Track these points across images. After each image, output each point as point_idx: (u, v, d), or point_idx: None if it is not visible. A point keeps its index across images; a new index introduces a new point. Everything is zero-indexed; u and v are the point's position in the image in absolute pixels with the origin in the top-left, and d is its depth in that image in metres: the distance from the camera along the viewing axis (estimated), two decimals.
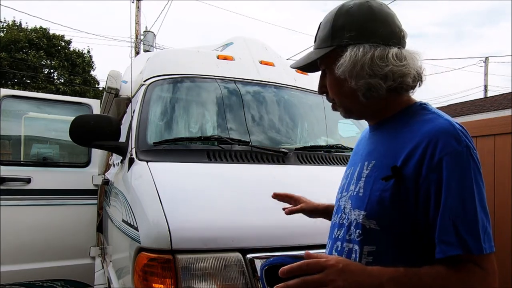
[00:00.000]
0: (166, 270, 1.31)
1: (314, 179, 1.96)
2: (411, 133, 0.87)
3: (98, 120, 2.13)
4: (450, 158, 0.80)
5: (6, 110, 3.43)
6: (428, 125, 0.86)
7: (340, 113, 1.06)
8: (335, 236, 0.99)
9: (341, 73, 0.93)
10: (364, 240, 0.88)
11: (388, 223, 0.85)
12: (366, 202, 0.89)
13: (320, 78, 1.06)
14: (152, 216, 1.44)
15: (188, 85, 2.45)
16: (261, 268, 1.38)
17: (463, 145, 0.81)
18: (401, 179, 0.83)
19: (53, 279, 3.31)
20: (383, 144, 0.95)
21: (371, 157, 0.95)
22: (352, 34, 0.93)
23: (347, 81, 0.93)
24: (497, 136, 2.72)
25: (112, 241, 2.32)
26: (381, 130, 0.99)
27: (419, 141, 0.84)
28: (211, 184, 1.72)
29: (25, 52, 19.32)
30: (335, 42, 0.95)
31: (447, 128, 0.83)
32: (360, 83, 0.91)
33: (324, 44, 0.98)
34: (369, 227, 0.87)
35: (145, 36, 13.20)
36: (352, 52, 0.91)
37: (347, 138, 2.79)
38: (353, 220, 0.92)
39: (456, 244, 0.76)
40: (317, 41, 1.02)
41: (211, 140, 2.06)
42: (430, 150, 0.81)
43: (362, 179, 0.94)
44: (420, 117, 0.90)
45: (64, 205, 3.37)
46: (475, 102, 16.04)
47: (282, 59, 3.06)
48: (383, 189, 0.86)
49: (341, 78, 0.94)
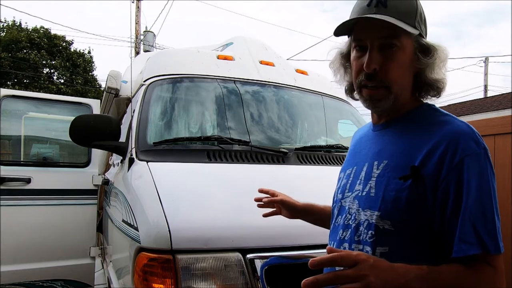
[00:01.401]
0: (166, 270, 1.31)
1: (314, 179, 1.96)
2: (428, 134, 0.88)
3: (98, 120, 2.13)
4: (470, 160, 0.81)
5: (6, 110, 3.44)
6: (446, 126, 0.87)
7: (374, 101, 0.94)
8: (340, 237, 0.97)
9: (426, 63, 0.92)
10: (376, 241, 0.87)
11: (403, 223, 0.85)
12: (380, 202, 0.88)
13: (376, 52, 0.90)
14: (152, 216, 1.44)
15: (188, 85, 2.45)
16: (261, 268, 1.38)
17: (481, 147, 0.83)
18: (420, 179, 0.84)
19: (53, 279, 3.31)
20: (395, 144, 0.94)
21: (381, 157, 0.94)
22: (425, 27, 0.95)
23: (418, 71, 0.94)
24: (497, 136, 2.72)
25: (112, 241, 2.32)
26: (390, 129, 0.98)
27: (438, 142, 0.84)
28: (211, 184, 1.72)
29: (26, 52, 19.32)
30: (418, 27, 0.92)
31: (466, 130, 0.85)
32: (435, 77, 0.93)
33: (410, 21, 0.90)
34: (383, 227, 0.87)
35: (145, 36, 13.21)
36: (443, 47, 0.93)
37: (347, 138, 2.79)
38: (364, 221, 0.91)
39: (475, 243, 0.78)
40: (396, 11, 0.89)
41: (211, 140, 2.06)
42: (450, 150, 0.82)
43: (372, 179, 0.93)
44: (435, 119, 0.91)
45: (64, 205, 3.37)
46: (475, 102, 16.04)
47: (282, 59, 3.06)
48: (399, 189, 0.86)
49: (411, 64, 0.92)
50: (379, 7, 0.88)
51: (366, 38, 0.91)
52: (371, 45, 0.90)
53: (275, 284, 1.39)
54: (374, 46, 0.90)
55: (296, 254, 1.44)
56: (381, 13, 0.88)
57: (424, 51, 0.92)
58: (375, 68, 0.89)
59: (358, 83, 0.95)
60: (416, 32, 0.90)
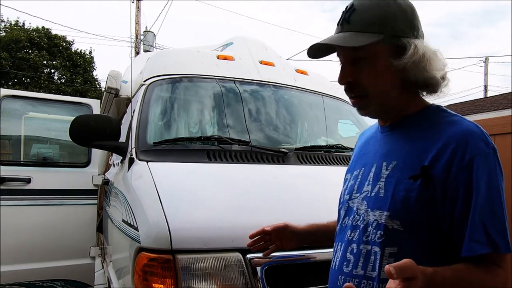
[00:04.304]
0: (166, 270, 1.31)
1: (314, 179, 1.96)
2: (437, 134, 0.88)
3: (98, 120, 2.13)
4: (479, 159, 0.82)
5: (6, 110, 3.44)
6: (455, 126, 0.87)
7: (359, 109, 0.99)
8: (348, 238, 0.97)
9: (402, 63, 0.89)
10: (386, 241, 0.88)
11: (413, 223, 0.86)
12: (389, 202, 0.88)
13: (347, 67, 0.95)
14: (152, 216, 1.44)
15: (188, 85, 2.45)
16: (261, 268, 1.38)
17: (491, 147, 0.85)
18: (430, 179, 0.84)
19: (53, 279, 3.31)
20: (404, 145, 0.94)
21: (390, 158, 0.94)
22: (406, 26, 0.92)
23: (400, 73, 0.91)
24: (497, 136, 2.72)
25: (112, 241, 2.32)
26: (399, 130, 0.98)
27: (447, 142, 0.85)
28: (211, 184, 1.72)
29: (26, 52, 19.32)
30: (387, 30, 0.91)
31: (475, 130, 0.86)
32: (424, 75, 0.90)
33: (372, 29, 0.91)
34: (392, 227, 0.87)
35: (145, 36, 13.21)
36: (419, 43, 0.90)
37: (347, 138, 2.79)
38: (372, 221, 0.91)
39: (485, 243, 0.79)
40: (358, 24, 0.92)
41: (211, 140, 2.06)
42: (460, 150, 0.83)
43: (381, 179, 0.93)
44: (444, 119, 0.92)
45: (64, 205, 3.37)
46: (475, 102, 16.04)
47: (282, 59, 3.05)
48: (408, 188, 0.86)
49: (386, 69, 0.91)
50: (343, 25, 0.95)
51: (340, 55, 0.98)
52: (343, 61, 0.97)
53: (275, 284, 1.39)
54: (346, 61, 0.96)
55: (296, 254, 1.44)
56: (344, 31, 0.94)
57: (400, 52, 0.91)
58: (349, 81, 0.95)
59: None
60: (379, 37, 0.90)
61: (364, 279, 0.90)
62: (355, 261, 0.93)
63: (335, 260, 1.01)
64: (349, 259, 0.95)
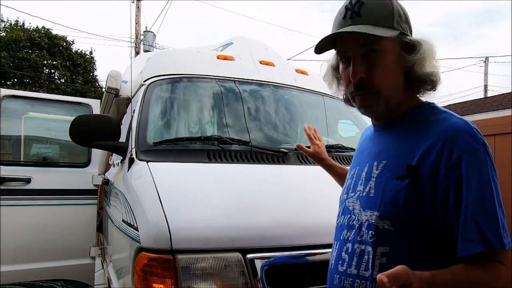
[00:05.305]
0: (166, 270, 1.31)
1: (314, 179, 1.96)
2: (425, 133, 0.88)
3: (98, 120, 2.12)
4: (468, 156, 0.80)
5: (6, 110, 3.44)
6: (443, 124, 0.86)
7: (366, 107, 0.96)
8: (344, 237, 0.98)
9: (413, 59, 0.90)
10: (377, 241, 0.88)
11: (402, 223, 0.85)
12: (379, 203, 0.88)
13: (359, 63, 0.91)
14: (152, 216, 1.44)
15: (188, 85, 2.45)
16: (261, 268, 1.38)
17: (480, 143, 0.82)
18: (417, 178, 0.83)
19: (53, 279, 3.31)
20: (394, 144, 0.94)
21: (381, 157, 0.94)
22: (407, 23, 0.95)
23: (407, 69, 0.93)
24: (497, 136, 2.72)
25: (112, 241, 2.32)
26: (390, 129, 0.98)
27: (435, 140, 0.84)
28: (211, 184, 1.72)
29: (26, 52, 19.31)
30: (398, 27, 0.91)
31: (463, 126, 0.84)
32: (428, 71, 0.91)
33: (387, 23, 0.90)
34: (382, 227, 0.87)
35: (145, 36, 13.21)
36: (424, 39, 0.92)
37: (347, 138, 2.79)
38: (365, 221, 0.91)
39: (478, 240, 0.77)
40: (372, 17, 0.89)
41: (211, 140, 2.06)
42: (447, 148, 0.82)
43: (372, 179, 0.93)
44: (432, 117, 0.90)
45: (64, 205, 3.37)
46: (475, 102, 16.04)
47: (282, 59, 3.05)
48: (397, 189, 0.86)
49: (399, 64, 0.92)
50: (353, 18, 0.90)
51: (348, 50, 0.94)
52: (354, 55, 0.92)
53: (275, 284, 1.39)
54: (357, 56, 0.92)
55: (296, 254, 1.44)
56: (356, 23, 0.90)
57: (409, 48, 0.92)
58: (361, 77, 0.91)
59: (350, 93, 0.98)
60: (395, 33, 0.89)
61: (357, 278, 0.90)
62: (349, 260, 0.93)
63: (332, 259, 1.02)
64: (344, 259, 0.95)
